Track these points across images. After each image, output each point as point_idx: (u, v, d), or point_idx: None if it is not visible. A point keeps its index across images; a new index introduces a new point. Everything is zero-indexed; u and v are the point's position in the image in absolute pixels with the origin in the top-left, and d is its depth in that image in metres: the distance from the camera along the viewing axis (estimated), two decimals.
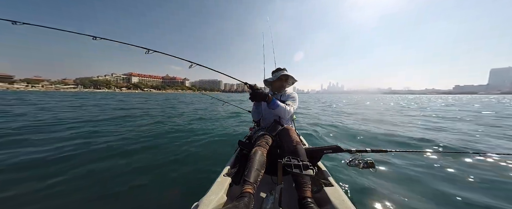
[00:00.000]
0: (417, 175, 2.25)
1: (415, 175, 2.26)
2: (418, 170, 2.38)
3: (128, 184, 2.09)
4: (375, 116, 8.17)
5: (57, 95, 27.83)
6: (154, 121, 6.38)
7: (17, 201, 1.77)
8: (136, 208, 1.76)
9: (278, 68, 2.10)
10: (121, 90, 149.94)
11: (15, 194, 1.85)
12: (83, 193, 1.92)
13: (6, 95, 25.85)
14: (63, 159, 2.71)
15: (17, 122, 5.34)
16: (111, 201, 1.83)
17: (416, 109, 12.21)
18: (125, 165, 2.57)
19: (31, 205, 1.71)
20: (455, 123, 6.38)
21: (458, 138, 4.05)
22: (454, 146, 3.43)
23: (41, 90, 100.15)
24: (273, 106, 1.62)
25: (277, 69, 2.08)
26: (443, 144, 3.55)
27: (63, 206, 1.75)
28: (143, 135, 4.27)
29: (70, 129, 4.70)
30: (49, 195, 1.87)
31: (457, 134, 4.55)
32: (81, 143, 3.44)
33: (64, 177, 2.19)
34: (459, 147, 3.38)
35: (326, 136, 4.52)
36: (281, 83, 2.01)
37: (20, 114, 6.91)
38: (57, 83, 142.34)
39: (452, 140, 3.83)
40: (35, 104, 11.48)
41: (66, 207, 1.74)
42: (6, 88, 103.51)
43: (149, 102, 16.97)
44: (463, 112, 9.83)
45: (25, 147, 3.18)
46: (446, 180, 2.14)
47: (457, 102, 23.67)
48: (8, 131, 4.20)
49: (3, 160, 2.59)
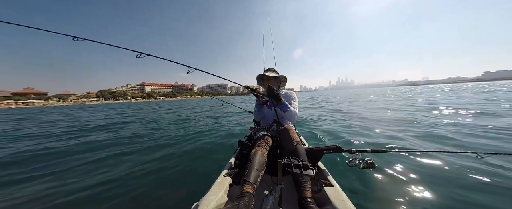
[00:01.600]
0: (417, 175, 2.16)
1: (415, 175, 2.16)
2: (418, 170, 2.28)
3: (128, 184, 2.12)
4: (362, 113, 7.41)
5: (100, 108, 27.02)
6: (153, 123, 6.52)
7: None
8: (136, 208, 1.78)
9: (269, 68, 2.08)
10: (136, 100, 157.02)
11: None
12: (83, 194, 1.95)
13: (63, 109, 25.11)
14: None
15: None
16: (111, 201, 1.85)
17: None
18: (125, 165, 2.61)
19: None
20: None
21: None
22: (455, 146, 3.22)
23: (70, 104, 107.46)
24: (284, 109, 1.62)
25: (269, 68, 2.06)
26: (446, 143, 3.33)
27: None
28: (143, 136, 4.42)
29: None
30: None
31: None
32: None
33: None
34: (460, 147, 3.16)
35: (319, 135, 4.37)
36: (274, 84, 1.98)
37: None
38: (83, 96, 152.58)
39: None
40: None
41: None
42: (43, 104, 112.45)
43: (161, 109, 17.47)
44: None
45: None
46: (446, 180, 2.04)
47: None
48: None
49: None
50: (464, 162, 2.40)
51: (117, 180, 2.27)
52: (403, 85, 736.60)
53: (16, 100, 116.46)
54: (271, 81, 1.97)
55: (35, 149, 3.85)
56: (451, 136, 3.52)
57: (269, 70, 2.03)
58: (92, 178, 2.35)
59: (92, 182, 2.24)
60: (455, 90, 24.97)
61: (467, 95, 13.68)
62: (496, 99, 9.61)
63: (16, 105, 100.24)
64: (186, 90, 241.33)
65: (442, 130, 3.98)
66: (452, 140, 3.35)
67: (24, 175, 2.55)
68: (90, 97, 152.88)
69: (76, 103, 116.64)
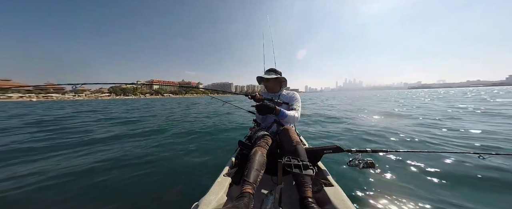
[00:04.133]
0: (418, 176, 2.11)
1: (416, 176, 2.11)
2: (419, 170, 2.22)
3: (128, 184, 2.09)
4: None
5: (132, 102, 25.83)
6: (152, 123, 6.49)
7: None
8: (136, 208, 1.75)
9: (270, 68, 2.02)
10: (145, 96, 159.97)
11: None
12: (79, 194, 1.93)
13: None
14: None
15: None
16: (111, 201, 1.83)
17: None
18: (125, 165, 2.59)
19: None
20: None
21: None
22: (455, 146, 3.12)
23: (85, 98, 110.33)
24: (282, 117, 1.64)
25: (270, 69, 2.00)
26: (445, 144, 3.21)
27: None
28: (142, 137, 4.35)
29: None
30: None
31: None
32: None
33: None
34: (462, 148, 3.06)
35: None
36: (271, 84, 1.95)
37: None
38: (96, 92, 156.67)
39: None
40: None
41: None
42: (60, 98, 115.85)
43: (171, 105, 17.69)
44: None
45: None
46: (447, 181, 1.98)
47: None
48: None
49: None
50: (465, 163, 2.33)
51: (117, 180, 2.21)
52: (416, 87, 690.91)
53: (37, 93, 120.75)
54: (270, 82, 1.92)
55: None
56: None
57: (269, 71, 1.98)
58: (91, 178, 2.28)
59: (91, 181, 2.17)
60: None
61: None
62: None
63: (37, 98, 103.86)
64: (192, 88, 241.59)
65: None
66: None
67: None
68: (103, 92, 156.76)
69: (90, 98, 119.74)
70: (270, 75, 1.90)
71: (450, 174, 2.11)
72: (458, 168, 2.23)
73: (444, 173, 2.12)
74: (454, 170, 2.20)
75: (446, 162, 2.40)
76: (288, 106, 1.86)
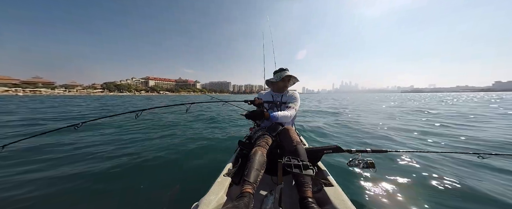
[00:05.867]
0: (418, 176, 2.12)
1: (416, 176, 2.13)
2: (419, 170, 2.24)
3: (128, 184, 2.03)
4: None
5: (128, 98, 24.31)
6: (150, 122, 6.21)
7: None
8: (136, 208, 1.71)
9: (280, 68, 1.94)
10: (140, 93, 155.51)
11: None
12: (78, 193, 1.86)
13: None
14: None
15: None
16: (111, 201, 1.78)
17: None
18: (125, 165, 2.51)
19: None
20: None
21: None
22: (455, 146, 3.19)
23: (76, 94, 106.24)
24: (274, 120, 1.65)
25: (279, 69, 1.94)
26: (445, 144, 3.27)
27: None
28: (141, 136, 4.21)
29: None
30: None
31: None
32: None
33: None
34: (462, 148, 3.13)
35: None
36: (284, 84, 1.92)
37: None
38: (88, 88, 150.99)
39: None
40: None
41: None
42: (49, 93, 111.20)
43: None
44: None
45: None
46: (446, 181, 2.01)
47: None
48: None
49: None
50: (465, 163, 2.35)
51: (113, 180, 2.15)
52: (408, 92, 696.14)
53: (24, 88, 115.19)
54: (279, 82, 1.89)
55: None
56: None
57: (280, 70, 1.91)
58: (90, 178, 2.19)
59: (91, 181, 2.09)
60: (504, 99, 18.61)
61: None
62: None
63: (23, 93, 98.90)
64: (189, 86, 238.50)
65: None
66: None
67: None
68: (95, 88, 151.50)
69: (82, 94, 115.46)
70: (284, 73, 1.85)
71: (450, 174, 2.13)
72: (458, 168, 2.25)
73: (444, 173, 2.14)
74: (454, 170, 2.22)
75: (446, 162, 2.41)
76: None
